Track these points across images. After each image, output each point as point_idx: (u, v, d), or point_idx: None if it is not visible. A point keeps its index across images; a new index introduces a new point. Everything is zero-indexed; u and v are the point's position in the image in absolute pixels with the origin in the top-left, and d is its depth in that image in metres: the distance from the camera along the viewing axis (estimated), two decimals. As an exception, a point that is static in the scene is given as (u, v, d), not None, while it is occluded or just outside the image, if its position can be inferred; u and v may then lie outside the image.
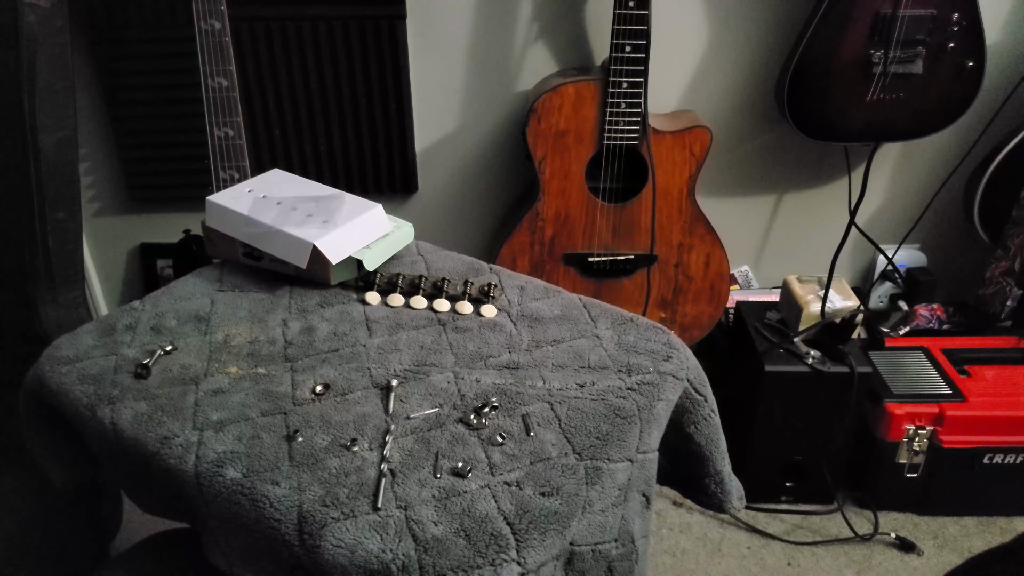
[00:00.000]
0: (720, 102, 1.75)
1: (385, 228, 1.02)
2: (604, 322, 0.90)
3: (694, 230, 1.66)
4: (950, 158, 1.79)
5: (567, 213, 1.64)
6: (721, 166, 1.82)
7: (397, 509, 0.66)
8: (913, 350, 1.65)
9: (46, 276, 1.42)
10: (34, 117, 1.35)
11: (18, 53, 1.31)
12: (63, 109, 1.39)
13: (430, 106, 1.77)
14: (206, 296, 0.95)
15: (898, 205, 1.88)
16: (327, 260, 0.93)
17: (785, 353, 1.51)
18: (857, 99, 1.56)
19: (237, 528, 0.68)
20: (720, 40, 1.69)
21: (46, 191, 1.39)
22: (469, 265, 1.01)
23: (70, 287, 1.46)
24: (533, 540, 0.64)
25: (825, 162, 1.82)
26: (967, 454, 1.52)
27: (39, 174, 1.37)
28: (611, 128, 1.54)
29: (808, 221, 1.91)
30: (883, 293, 1.94)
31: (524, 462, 0.71)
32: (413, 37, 1.68)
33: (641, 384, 0.81)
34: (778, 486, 1.62)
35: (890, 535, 1.56)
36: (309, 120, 1.74)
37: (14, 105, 1.33)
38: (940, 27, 1.49)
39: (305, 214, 0.97)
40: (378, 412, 0.76)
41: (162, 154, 1.77)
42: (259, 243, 0.97)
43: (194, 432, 0.73)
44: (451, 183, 1.87)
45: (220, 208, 0.99)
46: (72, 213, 1.44)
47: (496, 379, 0.80)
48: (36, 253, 1.40)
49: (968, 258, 1.90)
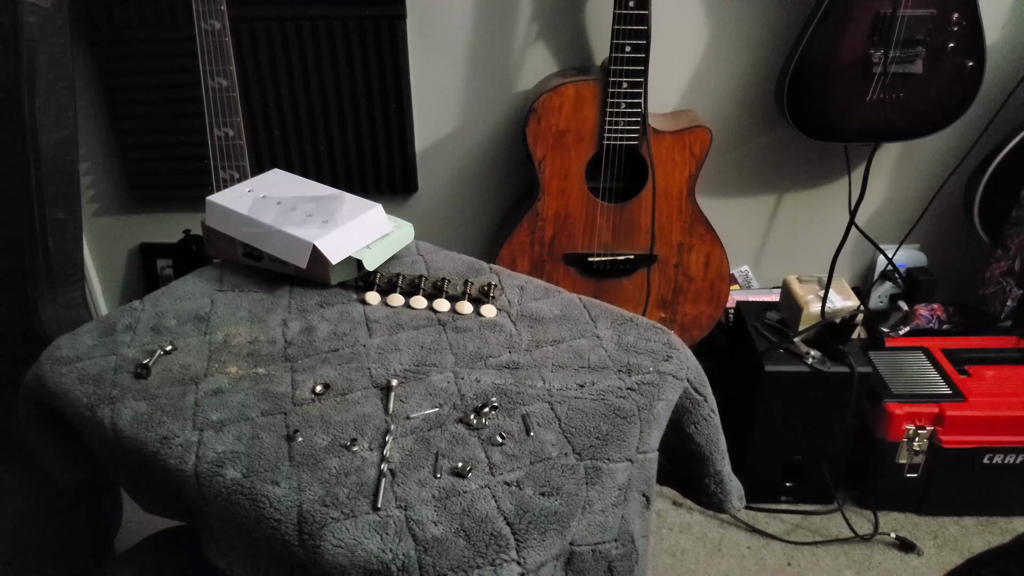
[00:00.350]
0: (720, 102, 1.75)
1: (385, 228, 1.02)
2: (604, 322, 0.90)
3: (694, 230, 1.66)
4: (950, 158, 1.79)
5: (567, 213, 1.64)
6: (721, 166, 1.82)
7: (397, 509, 0.66)
8: (913, 350, 1.65)
9: (46, 276, 1.42)
10: (34, 117, 1.35)
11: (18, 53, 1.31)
12: (63, 109, 1.39)
13: (430, 106, 1.77)
14: (206, 296, 0.95)
15: (898, 205, 1.88)
16: (327, 260, 0.93)
17: (785, 353, 1.51)
18: (857, 99, 1.56)
19: (237, 528, 0.68)
20: (720, 40, 1.69)
21: (46, 191, 1.39)
22: (469, 265, 1.01)
23: (70, 287, 1.46)
24: (533, 540, 0.64)
25: (825, 162, 1.82)
26: (967, 454, 1.52)
27: (39, 174, 1.37)
28: (611, 128, 1.54)
29: (808, 221, 1.91)
30: (883, 293, 1.94)
31: (524, 462, 0.71)
32: (413, 37, 1.68)
33: (641, 384, 0.81)
34: (778, 486, 1.62)
35: (890, 535, 1.56)
36: (309, 120, 1.74)
37: (14, 105, 1.34)
38: (940, 27, 1.49)
39: (305, 214, 0.97)
40: (378, 412, 0.76)
41: (162, 154, 1.77)
42: (259, 243, 0.97)
43: (194, 432, 0.73)
44: (451, 183, 1.87)
45: (220, 208, 0.99)
46: (72, 213, 1.44)
47: (496, 379, 0.80)
48: (36, 253, 1.40)
49: (968, 258, 1.90)
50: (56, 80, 1.37)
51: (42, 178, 1.38)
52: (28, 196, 1.38)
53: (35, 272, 1.42)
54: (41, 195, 1.38)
